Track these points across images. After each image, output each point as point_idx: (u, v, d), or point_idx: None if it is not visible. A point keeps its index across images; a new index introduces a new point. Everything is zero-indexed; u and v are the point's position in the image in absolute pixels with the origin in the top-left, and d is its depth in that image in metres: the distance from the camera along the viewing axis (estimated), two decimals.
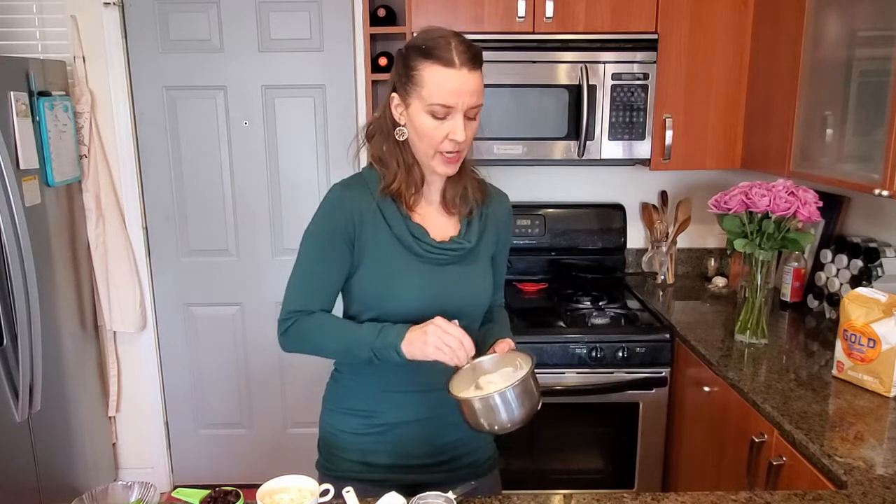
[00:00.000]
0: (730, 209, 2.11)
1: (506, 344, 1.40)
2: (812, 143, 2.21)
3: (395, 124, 1.38)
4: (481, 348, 1.44)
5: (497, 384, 1.34)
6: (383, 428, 1.48)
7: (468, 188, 1.47)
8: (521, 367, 1.37)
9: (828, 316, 2.43)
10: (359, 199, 1.40)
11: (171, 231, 3.11)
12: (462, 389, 1.34)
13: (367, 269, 1.41)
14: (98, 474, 3.02)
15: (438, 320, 1.31)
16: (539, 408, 1.33)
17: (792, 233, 2.07)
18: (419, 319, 1.34)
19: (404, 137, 1.38)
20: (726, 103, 2.64)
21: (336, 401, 1.54)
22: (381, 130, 1.42)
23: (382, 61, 2.74)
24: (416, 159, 1.41)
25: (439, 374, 1.33)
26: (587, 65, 2.52)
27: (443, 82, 1.28)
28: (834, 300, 2.40)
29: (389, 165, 1.40)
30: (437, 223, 1.45)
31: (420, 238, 1.40)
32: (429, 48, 1.30)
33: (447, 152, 1.34)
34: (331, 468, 1.52)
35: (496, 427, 1.31)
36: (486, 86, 1.40)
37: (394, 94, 1.37)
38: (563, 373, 2.43)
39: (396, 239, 1.40)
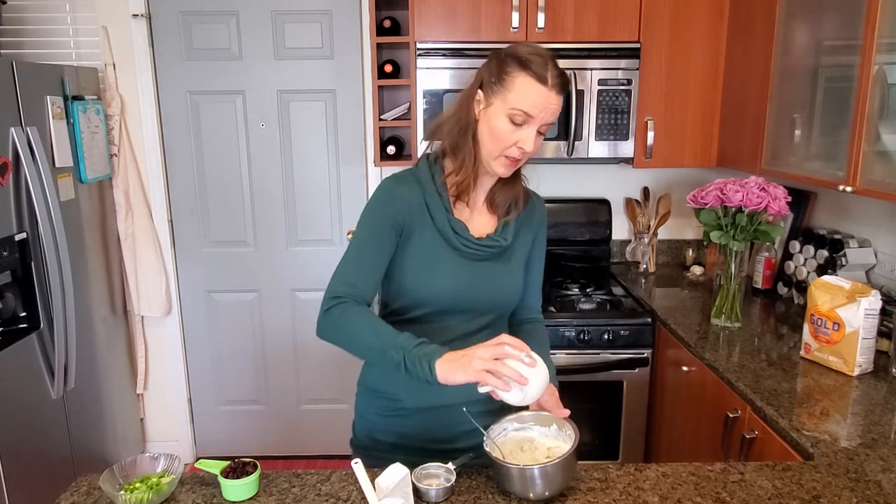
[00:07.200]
0: (706, 204, 2.11)
1: (561, 412, 1.30)
2: (782, 143, 2.21)
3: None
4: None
5: (538, 449, 1.23)
6: (405, 412, 1.44)
7: (519, 196, 1.44)
8: (565, 433, 1.24)
9: (796, 302, 2.44)
10: (409, 191, 1.37)
11: (194, 224, 3.11)
12: (500, 440, 1.24)
13: (408, 254, 1.36)
14: (127, 447, 3.03)
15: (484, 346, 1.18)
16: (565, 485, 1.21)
17: (763, 225, 2.07)
18: (450, 309, 1.34)
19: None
20: (703, 106, 2.64)
21: (366, 383, 1.51)
22: (460, 125, 1.36)
23: (388, 68, 2.71)
24: (478, 158, 1.36)
25: None
26: (576, 71, 2.51)
27: (531, 93, 1.26)
28: (802, 287, 2.40)
29: (460, 158, 1.36)
30: (478, 221, 1.43)
31: (460, 233, 1.37)
32: (528, 61, 1.27)
33: (511, 157, 1.31)
34: (361, 447, 1.50)
35: (530, 495, 1.17)
36: None
37: (479, 91, 1.33)
38: (554, 354, 2.37)
39: (438, 231, 1.37)
